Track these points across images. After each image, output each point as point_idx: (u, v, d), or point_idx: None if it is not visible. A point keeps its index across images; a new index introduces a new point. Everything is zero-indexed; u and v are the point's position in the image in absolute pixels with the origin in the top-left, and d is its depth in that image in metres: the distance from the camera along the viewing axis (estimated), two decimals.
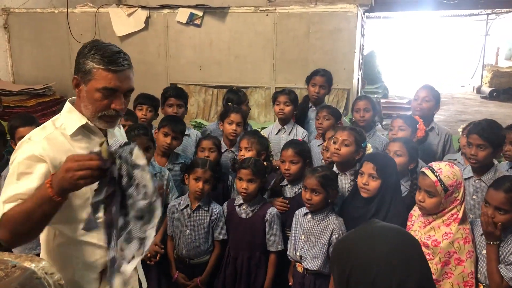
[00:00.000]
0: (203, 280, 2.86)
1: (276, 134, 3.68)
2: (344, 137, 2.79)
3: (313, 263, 2.58)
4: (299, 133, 3.54)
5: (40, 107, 5.61)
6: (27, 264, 1.02)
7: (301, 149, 2.94)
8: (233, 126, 3.35)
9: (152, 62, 5.85)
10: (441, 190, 2.18)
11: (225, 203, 2.97)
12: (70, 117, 1.77)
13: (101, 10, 5.93)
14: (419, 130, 3.11)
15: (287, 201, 2.92)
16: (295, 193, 2.93)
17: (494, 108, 12.40)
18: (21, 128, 3.05)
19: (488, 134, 2.63)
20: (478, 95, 14.47)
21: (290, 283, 2.78)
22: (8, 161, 3.17)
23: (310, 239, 2.61)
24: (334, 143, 2.83)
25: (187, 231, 2.87)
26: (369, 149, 2.91)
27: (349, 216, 2.59)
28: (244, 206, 2.85)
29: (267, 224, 2.78)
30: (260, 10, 5.51)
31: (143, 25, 5.79)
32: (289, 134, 3.50)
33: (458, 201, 2.21)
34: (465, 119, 10.48)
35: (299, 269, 2.66)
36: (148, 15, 5.79)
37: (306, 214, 2.69)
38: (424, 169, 2.27)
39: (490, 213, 2.14)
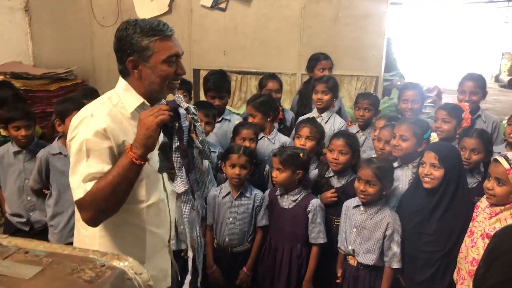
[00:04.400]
0: (249, 267, 2.83)
1: None
2: (402, 132, 2.70)
3: (367, 258, 2.52)
4: (337, 122, 3.44)
5: (62, 91, 5.52)
6: (115, 263, 0.94)
7: (352, 141, 2.85)
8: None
9: None
10: None
11: (267, 191, 2.91)
12: (128, 95, 1.75)
13: None
14: (464, 119, 2.99)
15: (335, 191, 2.84)
16: (343, 184, 2.86)
17: None
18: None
19: None
20: (497, 84, 14.24)
21: (338, 275, 2.71)
22: (38, 145, 3.14)
23: (362, 233, 2.54)
24: (393, 138, 2.74)
25: (230, 219, 2.82)
26: (434, 138, 2.81)
27: (407, 210, 2.51)
28: (286, 196, 2.78)
29: (310, 216, 2.71)
30: None
31: (166, 9, 5.66)
32: (325, 122, 3.40)
33: None
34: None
35: (352, 262, 2.59)
36: None
37: (357, 206, 2.61)
38: (497, 157, 2.19)
39: None
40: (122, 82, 1.77)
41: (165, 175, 1.92)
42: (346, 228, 2.65)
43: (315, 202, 2.72)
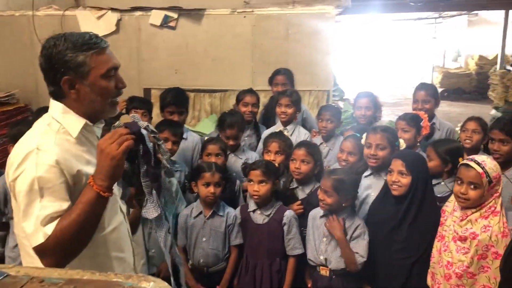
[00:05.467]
0: (223, 287, 2.74)
1: None
2: (378, 141, 2.76)
3: (340, 263, 2.54)
4: (302, 134, 3.50)
5: (3, 116, 5.22)
6: (144, 284, 0.89)
7: (314, 150, 2.89)
8: (230, 141, 3.28)
9: (124, 66, 5.33)
10: (486, 182, 2.18)
11: (238, 209, 2.87)
12: (68, 119, 1.60)
13: (67, 13, 5.61)
14: (423, 127, 3.13)
15: (300, 203, 2.86)
16: (307, 194, 2.88)
17: (447, 107, 12.93)
18: None
19: (509, 128, 2.70)
20: None
21: (309, 286, 2.71)
22: None
23: (333, 240, 2.56)
24: (368, 147, 2.80)
25: (203, 239, 2.75)
26: (402, 145, 2.90)
27: (377, 218, 2.56)
28: (259, 212, 2.76)
29: (285, 228, 2.71)
30: (237, 12, 5.42)
31: (113, 28, 5.53)
32: (291, 135, 3.44)
33: (498, 194, 2.22)
34: None
35: (324, 272, 2.60)
36: (119, 18, 5.54)
37: (324, 215, 2.64)
38: (467, 161, 2.27)
39: None
40: (57, 106, 1.61)
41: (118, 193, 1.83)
42: (315, 238, 2.67)
43: (289, 214, 2.73)
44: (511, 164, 2.77)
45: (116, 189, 1.73)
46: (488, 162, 2.24)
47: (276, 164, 2.82)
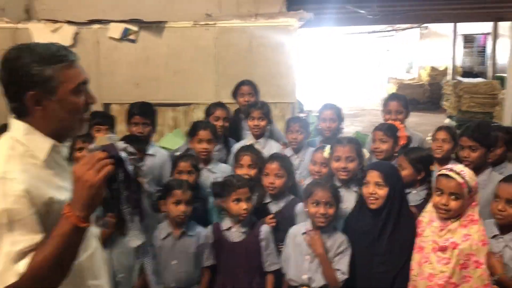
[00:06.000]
0: None
1: None
2: (348, 154, 2.72)
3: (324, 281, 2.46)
4: (274, 147, 3.43)
5: None
6: None
7: (287, 163, 2.83)
8: (204, 145, 3.15)
9: None
10: (467, 192, 2.17)
11: (210, 228, 2.74)
12: (34, 140, 1.43)
13: (20, 25, 5.36)
14: (400, 137, 3.12)
15: (274, 216, 2.79)
16: (279, 208, 2.83)
17: None
18: None
19: (477, 135, 2.73)
20: None
21: None
22: None
23: (317, 258, 2.48)
24: (337, 160, 2.74)
25: (174, 262, 2.60)
26: (366, 155, 2.87)
27: (355, 232, 2.50)
28: (234, 229, 2.65)
29: (263, 243, 2.62)
30: (199, 25, 5.34)
31: (70, 42, 5.29)
32: (263, 148, 3.36)
33: (475, 203, 2.22)
34: None
35: None
36: (76, 31, 5.33)
37: (305, 233, 2.56)
38: (446, 172, 2.23)
39: (501, 207, 2.20)
40: (19, 125, 1.44)
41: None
42: (296, 256, 2.57)
43: (265, 229, 2.65)
44: (481, 171, 2.80)
45: None
46: (467, 172, 2.24)
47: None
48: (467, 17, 8.04)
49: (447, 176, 2.22)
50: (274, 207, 2.85)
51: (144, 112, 3.33)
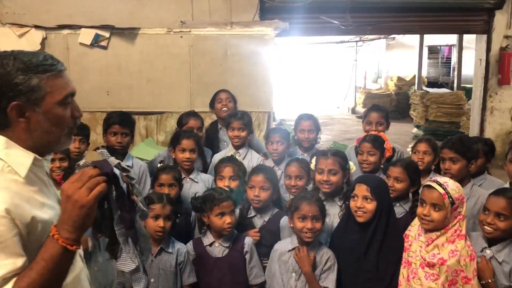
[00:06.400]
0: None
1: None
2: (330, 166, 2.66)
3: None
4: (254, 158, 3.36)
5: None
6: None
7: (272, 176, 2.76)
8: (187, 154, 3.05)
9: None
10: (448, 204, 2.16)
11: (190, 243, 2.63)
12: (13, 155, 1.31)
13: None
14: (386, 149, 3.09)
15: (258, 230, 2.72)
16: (264, 222, 2.74)
17: None
18: None
19: (458, 147, 2.74)
20: (354, 115, 15.63)
21: None
22: None
23: (303, 275, 2.41)
24: (320, 173, 2.69)
25: (152, 280, 2.47)
26: (353, 169, 2.82)
27: (342, 247, 2.44)
28: (217, 244, 2.55)
29: (247, 256, 2.54)
30: (173, 32, 5.25)
31: (38, 47, 5.12)
32: (243, 159, 3.29)
33: (461, 216, 2.21)
34: (350, 137, 11.19)
35: None
36: (45, 36, 5.14)
37: (292, 250, 2.49)
38: (429, 183, 2.23)
39: (490, 220, 2.20)
40: None
41: None
42: (282, 274, 2.49)
43: (249, 241, 2.58)
44: (463, 184, 2.80)
45: None
46: (451, 184, 2.24)
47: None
48: (435, 29, 8.23)
49: (429, 187, 2.23)
50: (258, 221, 2.77)
51: (123, 122, 3.18)
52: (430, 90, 12.03)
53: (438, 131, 10.04)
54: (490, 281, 2.20)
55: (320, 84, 19.64)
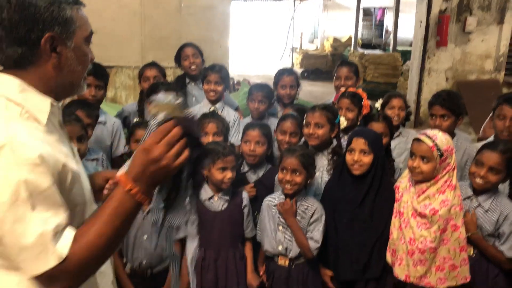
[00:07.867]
0: None
1: None
2: (316, 120, 2.63)
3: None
4: (231, 113, 3.25)
5: None
6: None
7: (267, 131, 2.73)
8: None
9: None
10: (437, 155, 2.22)
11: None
12: (31, 99, 1.16)
13: None
14: (364, 106, 3.09)
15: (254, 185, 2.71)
16: (258, 177, 2.74)
17: (309, 87, 13.63)
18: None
19: (449, 103, 2.80)
20: None
21: (261, 273, 2.56)
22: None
23: (289, 228, 2.42)
24: (307, 126, 2.65)
25: (144, 237, 2.38)
26: (343, 124, 2.81)
27: (335, 200, 2.46)
28: (216, 198, 2.48)
29: (245, 210, 2.53)
30: None
31: None
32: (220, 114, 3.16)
33: (450, 167, 2.28)
34: None
35: (282, 262, 2.44)
36: None
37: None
38: (419, 136, 2.30)
39: (483, 173, 2.30)
40: (10, 81, 1.14)
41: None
42: (271, 227, 2.49)
43: (246, 195, 2.55)
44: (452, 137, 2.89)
45: None
46: (439, 136, 2.30)
47: None
48: None
49: (418, 140, 2.30)
50: (252, 176, 2.75)
51: (98, 73, 2.90)
52: (366, 51, 12.35)
53: (375, 91, 10.38)
54: (474, 233, 2.34)
55: (257, 43, 19.50)
